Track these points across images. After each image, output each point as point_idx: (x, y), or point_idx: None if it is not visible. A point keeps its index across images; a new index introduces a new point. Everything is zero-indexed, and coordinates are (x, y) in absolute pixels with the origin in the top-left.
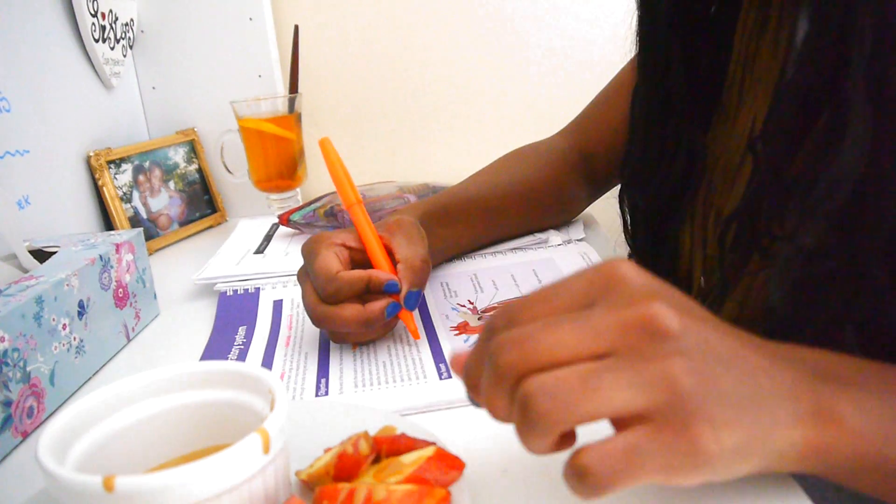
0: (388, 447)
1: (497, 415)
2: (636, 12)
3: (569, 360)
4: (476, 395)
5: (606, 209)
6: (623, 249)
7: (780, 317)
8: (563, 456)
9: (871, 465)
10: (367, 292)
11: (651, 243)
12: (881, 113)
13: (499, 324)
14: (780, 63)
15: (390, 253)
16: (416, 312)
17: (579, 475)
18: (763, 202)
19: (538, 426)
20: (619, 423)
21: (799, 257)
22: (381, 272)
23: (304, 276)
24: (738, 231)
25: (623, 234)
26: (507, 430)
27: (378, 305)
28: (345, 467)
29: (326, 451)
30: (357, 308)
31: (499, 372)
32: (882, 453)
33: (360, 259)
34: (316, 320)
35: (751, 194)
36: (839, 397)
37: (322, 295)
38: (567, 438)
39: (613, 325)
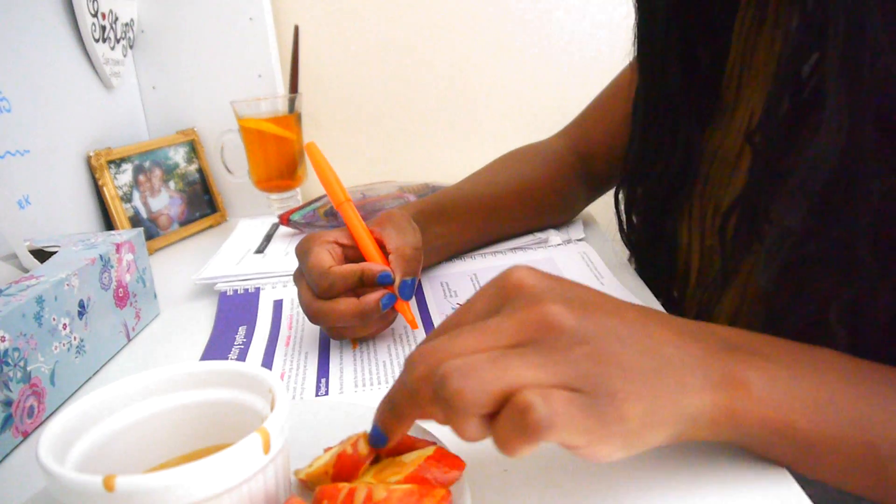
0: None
1: (408, 421)
2: (635, 13)
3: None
4: (390, 425)
5: (606, 209)
6: (622, 248)
7: (771, 301)
8: (563, 455)
9: (780, 432)
10: (362, 285)
11: (649, 239)
12: (856, 100)
13: (416, 349)
14: (777, 59)
15: (382, 247)
16: (413, 303)
17: (522, 411)
18: (762, 191)
19: (457, 405)
20: None
21: (785, 239)
22: (374, 264)
23: (300, 275)
24: (739, 221)
25: (619, 232)
26: None
27: (373, 297)
28: (344, 467)
29: (326, 450)
30: (352, 301)
31: (414, 387)
32: (789, 421)
33: (353, 256)
34: (312, 316)
35: (751, 185)
36: (747, 366)
37: (316, 291)
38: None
39: (512, 325)
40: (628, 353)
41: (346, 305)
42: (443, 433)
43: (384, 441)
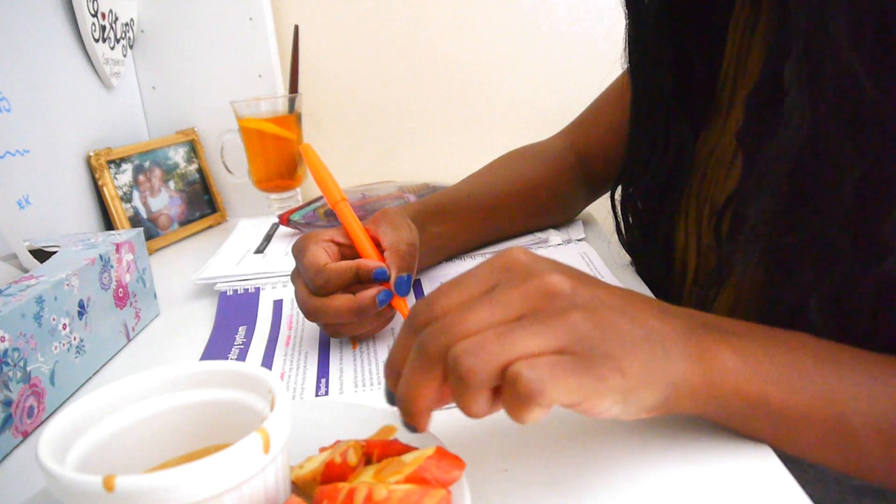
0: (380, 451)
1: (427, 397)
2: (626, 19)
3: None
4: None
5: (607, 209)
6: (622, 248)
7: (762, 295)
8: (563, 455)
9: (754, 405)
10: (358, 282)
11: (644, 240)
12: (817, 95)
13: (420, 315)
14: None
15: (378, 245)
16: (411, 301)
17: (513, 383)
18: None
19: (469, 382)
20: None
21: (759, 230)
22: (369, 261)
23: (297, 274)
24: (734, 217)
25: (616, 233)
26: (507, 430)
27: (368, 293)
28: (331, 476)
29: (322, 450)
30: (348, 298)
31: (430, 358)
32: (762, 393)
33: (349, 254)
34: (308, 313)
35: (742, 182)
36: (722, 343)
37: (312, 288)
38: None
39: (517, 296)
40: (621, 320)
41: (342, 302)
42: (443, 433)
43: (413, 429)
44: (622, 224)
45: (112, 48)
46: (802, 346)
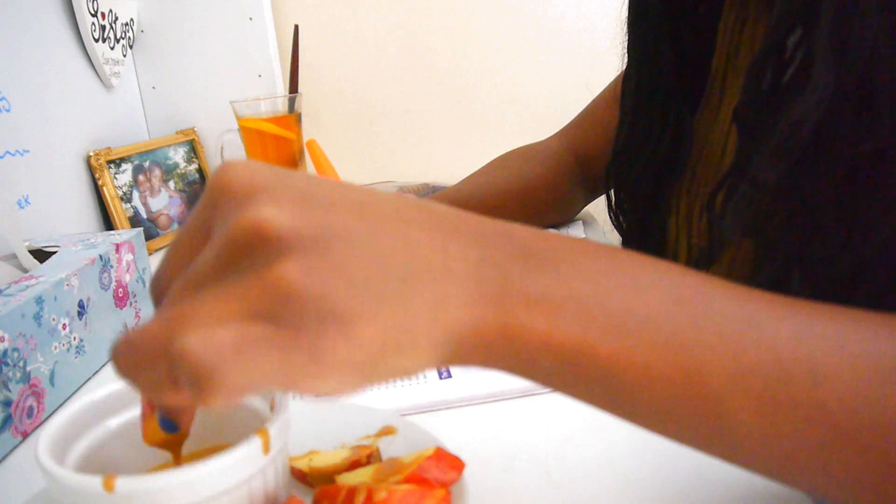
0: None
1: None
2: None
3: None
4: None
5: (606, 208)
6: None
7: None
8: (563, 455)
9: (574, 360)
10: None
11: (638, 233)
12: (841, 65)
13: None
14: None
15: None
16: None
17: (176, 362)
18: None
19: (129, 377)
20: None
21: (756, 195)
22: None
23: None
24: (727, 196)
25: (608, 215)
26: (507, 430)
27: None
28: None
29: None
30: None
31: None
32: (585, 343)
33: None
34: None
35: (737, 163)
36: (539, 275)
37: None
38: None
39: (215, 248)
40: (365, 258)
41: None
42: (443, 433)
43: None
44: (615, 203)
45: (112, 48)
46: (655, 282)
